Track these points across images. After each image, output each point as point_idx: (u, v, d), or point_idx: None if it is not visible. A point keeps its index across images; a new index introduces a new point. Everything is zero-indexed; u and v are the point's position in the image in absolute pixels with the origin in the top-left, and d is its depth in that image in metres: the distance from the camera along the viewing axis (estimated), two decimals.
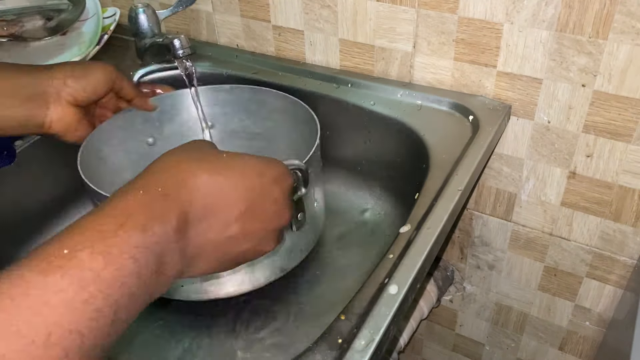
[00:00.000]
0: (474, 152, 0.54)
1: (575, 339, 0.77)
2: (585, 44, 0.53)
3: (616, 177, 0.59)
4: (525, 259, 0.73)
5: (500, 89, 0.60)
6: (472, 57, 0.60)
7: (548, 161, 0.62)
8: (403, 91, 0.64)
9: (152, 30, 0.73)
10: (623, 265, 0.65)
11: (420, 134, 0.59)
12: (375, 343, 0.37)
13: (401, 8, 0.61)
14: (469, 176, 0.51)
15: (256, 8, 0.71)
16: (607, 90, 0.54)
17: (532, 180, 0.65)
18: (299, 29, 0.70)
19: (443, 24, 0.59)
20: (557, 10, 0.52)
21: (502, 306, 0.80)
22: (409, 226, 0.47)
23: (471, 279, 0.81)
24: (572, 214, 0.65)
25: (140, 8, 0.71)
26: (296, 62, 0.72)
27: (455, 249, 0.79)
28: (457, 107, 0.61)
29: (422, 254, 0.44)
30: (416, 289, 0.43)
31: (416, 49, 0.63)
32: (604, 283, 0.68)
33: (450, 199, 0.49)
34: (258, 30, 0.73)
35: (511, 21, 0.55)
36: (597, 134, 0.57)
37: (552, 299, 0.74)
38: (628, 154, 0.57)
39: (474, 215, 0.73)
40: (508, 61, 0.58)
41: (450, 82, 0.63)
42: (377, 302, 0.40)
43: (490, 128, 0.57)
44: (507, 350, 0.86)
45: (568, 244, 0.68)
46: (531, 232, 0.70)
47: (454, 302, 0.86)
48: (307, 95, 0.68)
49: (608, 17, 0.50)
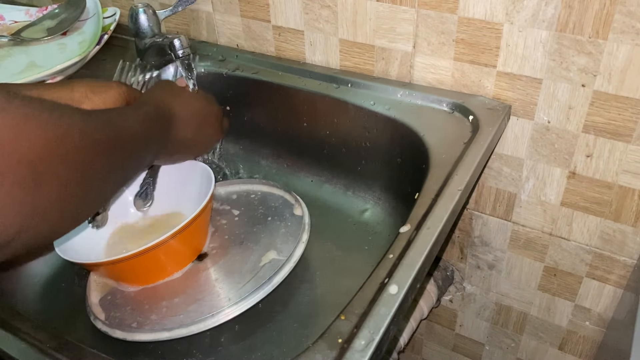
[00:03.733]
0: (474, 152, 0.54)
1: (575, 339, 0.77)
2: (585, 44, 0.53)
3: (616, 177, 0.59)
4: (525, 259, 0.73)
5: (500, 89, 0.60)
6: (472, 57, 0.60)
7: (548, 161, 0.62)
8: (403, 91, 0.64)
9: (152, 30, 0.73)
10: (623, 265, 0.65)
11: (420, 134, 0.59)
12: (375, 343, 0.37)
13: (401, 8, 0.61)
14: (468, 176, 0.51)
15: (256, 8, 0.71)
16: (607, 90, 0.54)
17: (532, 180, 0.65)
18: (299, 29, 0.70)
19: (443, 24, 0.59)
20: (557, 10, 0.52)
21: (502, 306, 0.80)
22: (409, 226, 0.47)
23: (471, 279, 0.81)
24: (572, 214, 0.65)
25: (141, 8, 0.71)
26: (296, 62, 0.73)
27: (455, 248, 0.79)
28: (457, 107, 0.61)
29: (422, 254, 0.44)
30: (416, 289, 0.43)
31: (416, 49, 0.63)
32: (604, 283, 0.68)
33: (450, 199, 0.49)
34: (258, 30, 0.73)
35: (511, 21, 0.55)
36: (597, 134, 0.57)
37: (552, 299, 0.74)
38: (628, 154, 0.57)
39: (474, 215, 0.73)
40: (508, 61, 0.58)
41: (450, 82, 0.63)
42: (377, 302, 0.40)
43: (490, 128, 0.57)
44: (507, 350, 0.86)
45: (568, 244, 0.68)
46: (531, 232, 0.70)
47: (454, 302, 0.86)
48: (307, 95, 0.68)
49: (608, 17, 0.50)
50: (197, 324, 0.49)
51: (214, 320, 0.49)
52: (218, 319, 0.49)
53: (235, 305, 0.50)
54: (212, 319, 0.49)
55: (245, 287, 0.53)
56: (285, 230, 0.59)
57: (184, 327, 0.49)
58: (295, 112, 0.71)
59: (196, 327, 0.49)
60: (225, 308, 0.50)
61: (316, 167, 0.73)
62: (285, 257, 0.55)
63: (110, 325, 0.51)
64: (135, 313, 0.52)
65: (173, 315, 0.51)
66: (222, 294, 0.53)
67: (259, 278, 0.53)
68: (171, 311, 0.52)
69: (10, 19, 0.87)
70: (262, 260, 0.56)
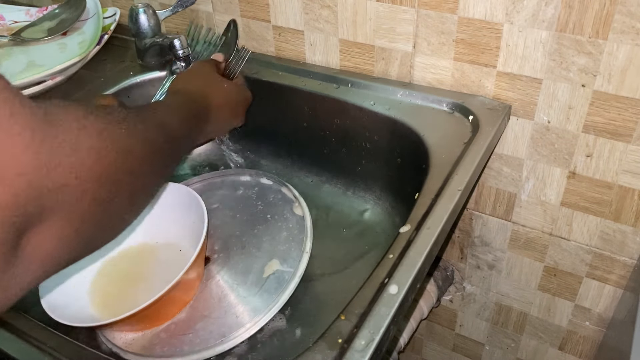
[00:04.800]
0: (474, 152, 0.54)
1: (575, 339, 0.77)
2: (585, 44, 0.53)
3: (616, 177, 0.59)
4: (525, 259, 0.73)
5: (500, 89, 0.60)
6: (472, 57, 0.60)
7: (548, 161, 0.62)
8: (403, 91, 0.64)
9: (152, 30, 0.73)
10: (623, 265, 0.65)
11: (420, 134, 0.59)
12: (375, 343, 0.37)
13: (401, 8, 0.61)
14: (468, 176, 0.51)
15: (256, 8, 0.71)
16: (607, 90, 0.54)
17: (532, 180, 0.65)
18: (299, 29, 0.70)
19: (443, 24, 0.59)
20: (557, 10, 0.52)
21: (502, 306, 0.80)
22: (409, 226, 0.47)
23: (471, 279, 0.81)
24: (572, 214, 0.65)
25: (141, 8, 0.71)
26: (296, 62, 0.73)
27: (455, 249, 0.79)
28: (457, 107, 0.61)
29: (422, 254, 0.44)
30: (416, 289, 0.43)
31: (416, 49, 0.63)
32: (604, 283, 0.68)
33: (450, 199, 0.49)
34: (258, 30, 0.73)
35: (511, 21, 0.55)
36: (597, 134, 0.57)
37: (552, 299, 0.74)
38: (628, 154, 0.57)
39: (473, 215, 0.73)
40: (508, 61, 0.58)
41: (450, 82, 0.63)
42: (377, 302, 0.40)
43: (490, 128, 0.57)
44: (507, 350, 0.86)
45: (568, 244, 0.68)
46: (531, 232, 0.70)
47: (454, 302, 0.86)
48: (307, 95, 0.68)
49: (608, 17, 0.50)
50: (205, 351, 0.48)
51: (222, 347, 0.49)
52: (224, 346, 0.49)
53: (244, 327, 0.50)
54: (221, 346, 0.49)
55: (252, 301, 0.52)
56: (287, 234, 0.59)
57: (193, 355, 0.48)
58: (295, 112, 0.71)
59: (205, 353, 0.48)
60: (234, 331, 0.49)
61: (316, 167, 0.73)
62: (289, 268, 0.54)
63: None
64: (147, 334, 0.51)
65: (182, 334, 0.50)
66: (230, 311, 0.52)
67: (264, 292, 0.53)
68: (180, 329, 0.51)
69: (10, 19, 0.87)
70: (266, 270, 0.55)
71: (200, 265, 0.54)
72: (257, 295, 0.53)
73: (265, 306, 0.51)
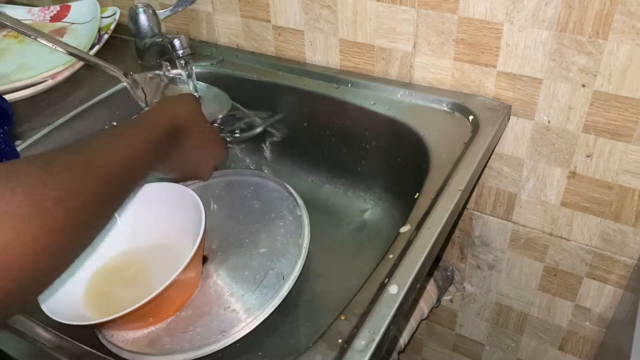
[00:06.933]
0: (474, 152, 0.54)
1: (575, 339, 0.77)
2: (585, 44, 0.53)
3: (616, 177, 0.59)
4: (525, 259, 0.73)
5: (500, 89, 0.60)
6: (472, 57, 0.60)
7: (548, 161, 0.62)
8: (403, 91, 0.64)
9: (152, 30, 0.73)
10: (623, 265, 0.65)
11: (420, 134, 0.59)
12: (375, 343, 0.37)
13: (401, 8, 0.61)
14: (469, 176, 0.51)
15: (256, 8, 0.71)
16: (607, 90, 0.54)
17: (532, 180, 0.65)
18: (299, 29, 0.70)
19: (443, 24, 0.59)
20: (557, 10, 0.52)
21: (502, 306, 0.80)
22: (409, 226, 0.47)
23: (471, 279, 0.81)
24: (572, 214, 0.65)
25: (141, 8, 0.71)
26: (296, 62, 0.72)
27: (455, 249, 0.79)
28: (457, 107, 0.61)
29: (422, 254, 0.44)
30: (416, 289, 0.43)
31: (416, 49, 0.63)
32: (604, 283, 0.68)
33: (450, 199, 0.49)
34: (258, 30, 0.73)
35: (511, 21, 0.55)
36: (597, 134, 0.57)
37: (552, 299, 0.74)
38: (628, 154, 0.57)
39: (474, 215, 0.73)
40: (508, 61, 0.58)
41: (450, 82, 0.63)
42: (377, 302, 0.40)
43: (490, 128, 0.57)
44: (507, 350, 0.86)
45: (568, 244, 0.68)
46: (531, 232, 0.70)
47: (454, 302, 0.86)
48: (307, 95, 0.68)
49: (608, 17, 0.50)
50: (206, 347, 0.48)
51: (224, 342, 0.49)
52: (226, 341, 0.49)
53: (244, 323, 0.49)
54: (223, 341, 0.49)
55: (251, 298, 0.52)
56: (285, 231, 0.59)
57: (193, 351, 0.48)
58: (295, 112, 0.71)
59: (206, 349, 0.48)
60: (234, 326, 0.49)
61: (316, 167, 0.73)
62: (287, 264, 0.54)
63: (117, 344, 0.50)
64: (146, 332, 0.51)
65: (182, 332, 0.50)
66: (229, 308, 0.52)
67: (263, 288, 0.52)
68: (180, 327, 0.51)
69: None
70: (264, 267, 0.55)
71: (198, 264, 0.54)
72: (255, 292, 0.53)
73: (265, 302, 0.51)
